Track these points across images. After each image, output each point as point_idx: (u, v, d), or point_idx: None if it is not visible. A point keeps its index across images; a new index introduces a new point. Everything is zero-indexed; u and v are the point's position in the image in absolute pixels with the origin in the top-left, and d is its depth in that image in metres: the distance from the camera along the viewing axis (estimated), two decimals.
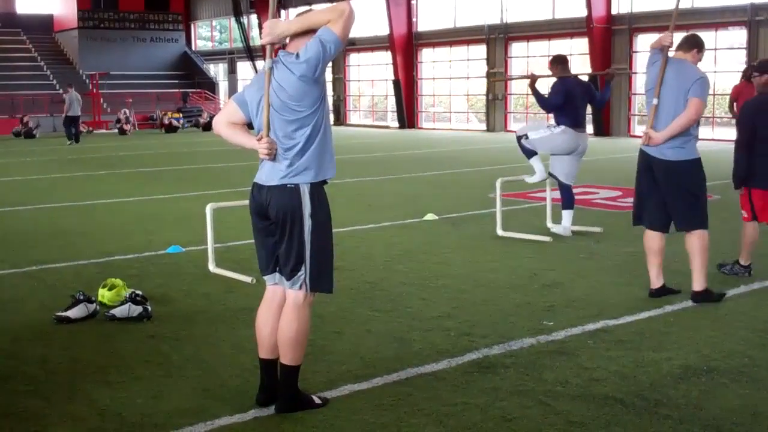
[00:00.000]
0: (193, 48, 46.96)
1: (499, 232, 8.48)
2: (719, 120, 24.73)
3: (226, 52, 45.43)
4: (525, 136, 8.51)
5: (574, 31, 27.07)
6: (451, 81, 33.30)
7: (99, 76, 36.07)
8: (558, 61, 8.56)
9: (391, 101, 34.85)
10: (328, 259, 3.91)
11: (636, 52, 26.01)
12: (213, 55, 46.82)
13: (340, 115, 36.89)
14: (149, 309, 5.57)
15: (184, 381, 4.37)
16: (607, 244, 7.96)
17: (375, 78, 36.64)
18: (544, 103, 8.51)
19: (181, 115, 35.55)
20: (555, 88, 8.37)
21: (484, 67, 30.52)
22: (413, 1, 33.30)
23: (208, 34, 49.44)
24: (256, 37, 36.99)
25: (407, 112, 33.30)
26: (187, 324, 5.45)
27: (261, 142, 3.77)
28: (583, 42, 26.54)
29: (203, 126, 32.63)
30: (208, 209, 7.04)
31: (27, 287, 6.58)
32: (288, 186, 3.78)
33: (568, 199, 8.50)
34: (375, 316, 5.58)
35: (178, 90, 40.37)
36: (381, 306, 5.82)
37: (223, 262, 7.08)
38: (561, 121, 8.36)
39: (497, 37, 29.92)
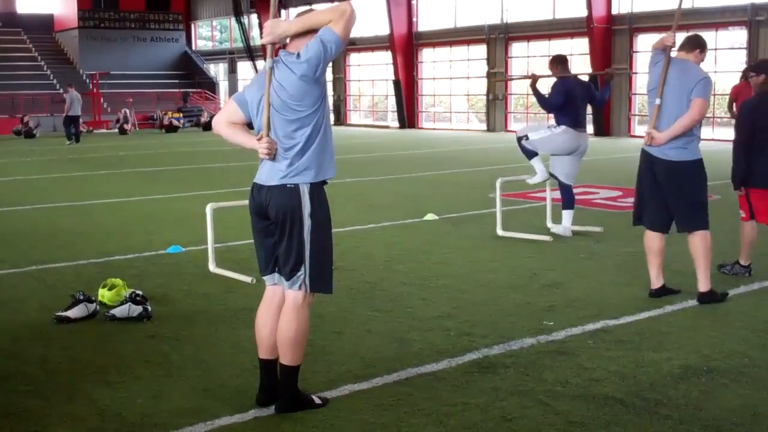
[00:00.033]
0: (193, 48, 46.98)
1: (499, 232, 8.48)
2: (719, 120, 24.72)
3: (226, 51, 45.46)
4: (525, 137, 8.51)
5: (574, 31, 27.07)
6: (452, 81, 33.30)
7: (99, 75, 36.09)
8: (558, 61, 8.57)
9: (392, 101, 34.86)
10: (328, 260, 3.91)
11: (636, 52, 26.03)
12: (213, 55, 46.85)
13: (340, 115, 36.90)
14: (149, 309, 5.57)
15: (184, 381, 4.37)
16: (607, 244, 7.96)
17: (375, 78, 36.65)
18: (545, 103, 8.51)
19: (181, 114, 35.57)
20: (555, 88, 8.37)
21: (485, 67, 30.52)
22: (414, 1, 33.30)
23: (209, 33, 49.45)
24: (257, 37, 36.99)
25: (407, 112, 33.30)
26: (187, 324, 5.45)
27: (261, 142, 3.77)
28: (584, 42, 26.54)
29: (203, 126, 32.63)
30: (208, 209, 7.04)
31: (27, 287, 6.58)
32: (288, 186, 3.78)
33: (568, 199, 8.51)
34: (375, 316, 5.58)
35: (178, 90, 40.40)
36: (381, 306, 5.82)
37: (223, 262, 7.09)
38: (561, 121, 8.36)
39: (497, 37, 29.93)
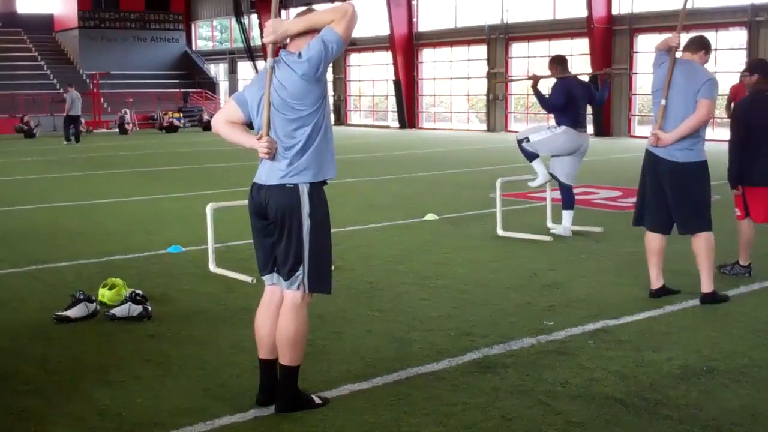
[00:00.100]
0: (193, 48, 46.97)
1: (500, 232, 8.48)
2: (719, 120, 24.70)
3: (226, 52, 45.46)
4: (526, 139, 8.50)
5: (574, 31, 27.07)
6: (452, 81, 33.30)
7: (99, 75, 36.08)
8: (557, 61, 8.57)
9: (392, 101, 34.85)
10: (327, 260, 3.90)
11: (636, 52, 26.03)
12: (213, 55, 46.85)
13: (340, 115, 36.90)
14: (149, 308, 5.57)
15: (184, 381, 4.37)
16: (607, 244, 7.96)
17: (375, 78, 36.65)
18: (546, 104, 8.51)
19: (181, 114, 35.57)
20: (556, 88, 8.37)
21: (485, 68, 30.52)
22: (414, 2, 33.30)
23: (209, 33, 49.45)
24: (257, 37, 37.01)
25: (408, 112, 33.30)
26: (187, 324, 5.45)
27: (261, 141, 3.77)
28: (584, 42, 26.54)
29: (204, 125, 32.63)
30: (209, 209, 7.04)
31: (27, 287, 6.58)
32: (287, 185, 3.77)
33: (568, 199, 8.51)
34: (375, 316, 5.58)
35: (178, 90, 40.38)
36: (381, 306, 5.82)
37: (223, 262, 7.08)
38: (562, 122, 8.36)
39: (498, 38, 29.93)
